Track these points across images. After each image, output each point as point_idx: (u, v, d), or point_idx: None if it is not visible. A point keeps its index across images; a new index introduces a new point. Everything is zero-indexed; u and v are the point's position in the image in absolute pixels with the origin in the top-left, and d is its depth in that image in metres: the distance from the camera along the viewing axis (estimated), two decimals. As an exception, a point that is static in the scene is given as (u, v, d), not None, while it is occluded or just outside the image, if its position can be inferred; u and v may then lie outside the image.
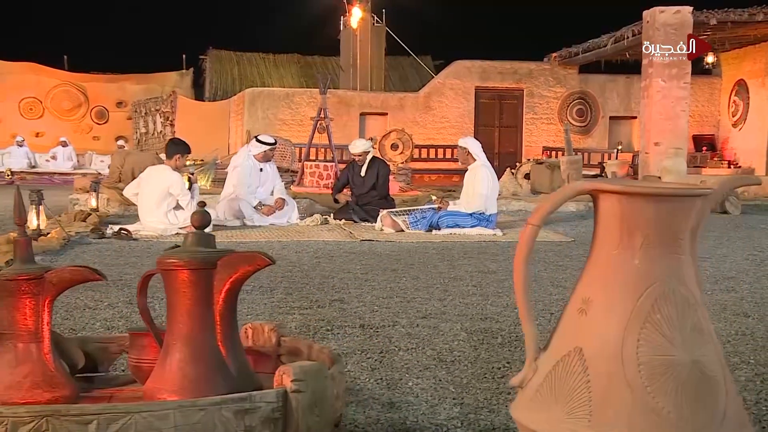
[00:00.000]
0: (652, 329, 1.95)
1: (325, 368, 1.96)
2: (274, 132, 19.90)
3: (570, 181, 14.51)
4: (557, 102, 22.24)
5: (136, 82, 30.68)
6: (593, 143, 22.12)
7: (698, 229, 2.12)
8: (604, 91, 22.51)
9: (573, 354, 2.01)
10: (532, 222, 2.09)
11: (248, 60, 30.46)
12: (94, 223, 9.50)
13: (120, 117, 29.89)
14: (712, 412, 1.94)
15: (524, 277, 2.13)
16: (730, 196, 13.04)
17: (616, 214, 2.03)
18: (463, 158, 10.25)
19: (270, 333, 2.46)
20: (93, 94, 30.41)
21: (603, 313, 2.01)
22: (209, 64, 30.17)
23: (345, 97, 21.66)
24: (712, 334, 2.03)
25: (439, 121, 21.64)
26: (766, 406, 3.22)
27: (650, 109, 16.99)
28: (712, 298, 5.62)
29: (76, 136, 29.17)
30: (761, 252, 8.37)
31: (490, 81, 21.98)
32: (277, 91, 22.32)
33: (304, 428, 1.88)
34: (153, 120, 25.80)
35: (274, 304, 5.17)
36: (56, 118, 30.07)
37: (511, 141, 22.30)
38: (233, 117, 23.26)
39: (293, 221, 10.82)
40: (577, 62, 21.70)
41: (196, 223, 2.15)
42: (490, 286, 6.03)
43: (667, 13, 16.95)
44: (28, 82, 29.90)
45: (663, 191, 2.00)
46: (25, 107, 30.02)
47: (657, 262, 2.00)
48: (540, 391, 2.05)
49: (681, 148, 15.74)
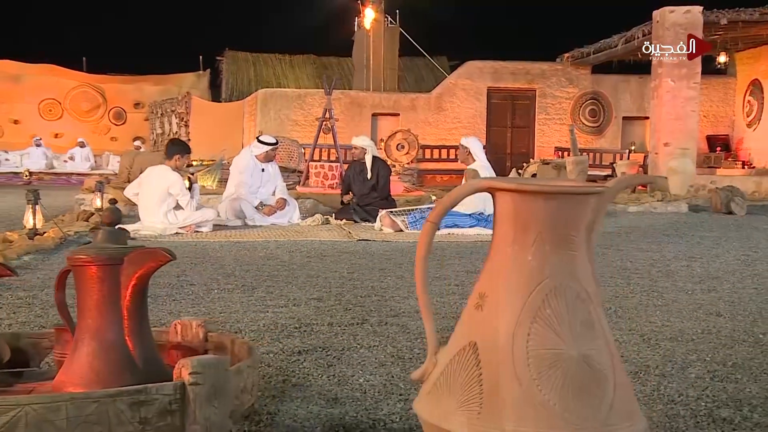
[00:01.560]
0: (542, 324, 2.00)
1: (225, 362, 2.02)
2: (286, 132, 20.04)
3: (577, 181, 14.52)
4: (570, 102, 22.21)
5: (153, 84, 30.93)
6: (606, 143, 22.09)
7: (595, 226, 2.16)
8: (616, 92, 22.46)
9: (468, 348, 2.07)
10: (430, 220, 2.14)
11: (264, 61, 30.62)
12: (96, 223, 9.61)
13: (137, 118, 30.14)
14: (598, 405, 1.99)
15: (424, 273, 2.18)
16: (736, 196, 13.00)
17: (511, 212, 2.08)
18: (463, 157, 10.32)
19: (197, 329, 2.53)
20: (111, 95, 30.69)
21: (496, 308, 2.06)
22: (226, 65, 30.35)
23: (357, 97, 21.73)
24: (603, 329, 2.07)
25: (451, 122, 21.67)
26: (705, 403, 3.25)
27: (660, 110, 16.99)
28: (691, 298, 5.64)
29: (94, 137, 29.45)
30: (755, 252, 8.36)
31: (502, 81, 21.98)
32: (289, 92, 22.44)
33: (202, 420, 1.94)
34: (169, 121, 25.99)
35: (250, 302, 5.24)
36: (75, 119, 30.37)
37: (523, 142, 22.30)
38: (247, 117, 23.39)
39: (294, 221, 10.91)
40: (589, 62, 21.66)
41: (107, 220, 2.21)
42: (469, 286, 6.06)
43: (676, 12, 16.95)
44: (48, 84, 30.22)
45: (554, 190, 2.05)
46: (45, 108, 30.34)
47: (549, 259, 2.05)
48: (437, 385, 2.10)
49: (688, 149, 15.71)
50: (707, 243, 9.14)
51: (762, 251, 8.47)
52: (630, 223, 11.62)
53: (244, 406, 2.14)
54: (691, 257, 7.88)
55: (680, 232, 10.37)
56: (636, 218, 12.46)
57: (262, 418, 2.98)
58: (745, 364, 3.87)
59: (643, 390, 3.41)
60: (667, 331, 4.55)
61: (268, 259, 7.42)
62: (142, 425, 1.87)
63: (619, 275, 6.65)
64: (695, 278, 6.54)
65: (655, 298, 5.64)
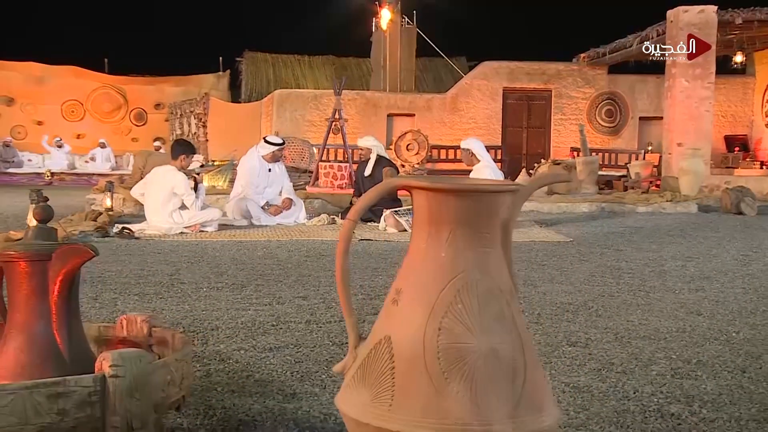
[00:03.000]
0: (453, 318, 2.06)
1: (147, 355, 2.09)
2: (301, 133, 20.15)
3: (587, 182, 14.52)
4: (586, 103, 22.15)
5: (173, 85, 31.13)
6: (622, 144, 22.01)
7: (510, 223, 2.21)
8: (633, 92, 22.37)
9: (383, 342, 2.13)
10: (349, 218, 2.20)
11: (283, 62, 30.73)
12: (103, 223, 9.73)
13: (158, 119, 30.34)
14: (506, 398, 2.04)
15: (344, 269, 2.24)
16: (746, 197, 12.94)
17: (425, 209, 2.13)
18: (467, 160, 10.36)
19: (142, 324, 2.60)
20: (132, 96, 30.93)
21: (410, 303, 2.11)
22: (245, 66, 30.49)
23: (372, 98, 21.79)
24: (516, 323, 2.12)
25: (467, 123, 21.67)
26: (658, 399, 3.29)
27: (673, 110, 16.94)
28: (676, 297, 5.67)
29: (116, 137, 29.70)
30: (755, 252, 8.35)
31: (517, 82, 21.96)
32: (305, 92, 22.55)
33: (123, 411, 2.01)
34: (188, 121, 26.16)
35: (236, 300, 5.31)
36: (97, 120, 30.62)
37: (539, 142, 22.27)
38: (264, 118, 23.51)
39: (300, 221, 10.98)
40: (606, 62, 21.60)
41: (38, 217, 2.29)
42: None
43: (690, 12, 16.89)
44: (70, 85, 30.48)
45: (466, 188, 2.11)
46: (67, 110, 30.61)
47: (462, 255, 2.10)
48: (354, 378, 2.17)
49: (699, 149, 15.65)
50: (709, 243, 9.12)
51: (762, 251, 8.44)
52: (636, 223, 11.60)
53: (171, 399, 2.20)
54: (689, 257, 7.88)
55: (685, 232, 10.36)
56: (644, 219, 12.43)
57: (216, 412, 3.06)
58: (709, 361, 3.90)
59: (600, 386, 3.46)
60: (642, 330, 4.58)
61: (265, 259, 7.50)
62: (60, 416, 1.94)
63: (610, 275, 6.67)
64: (686, 278, 6.55)
65: (641, 297, 5.66)
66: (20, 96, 29.90)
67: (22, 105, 29.98)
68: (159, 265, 6.87)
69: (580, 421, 3.02)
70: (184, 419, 2.96)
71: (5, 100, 29.85)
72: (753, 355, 4.04)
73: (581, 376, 3.62)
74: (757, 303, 5.48)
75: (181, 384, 2.25)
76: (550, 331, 4.51)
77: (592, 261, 7.52)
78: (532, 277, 6.54)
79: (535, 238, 9.50)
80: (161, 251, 7.85)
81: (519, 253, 8.07)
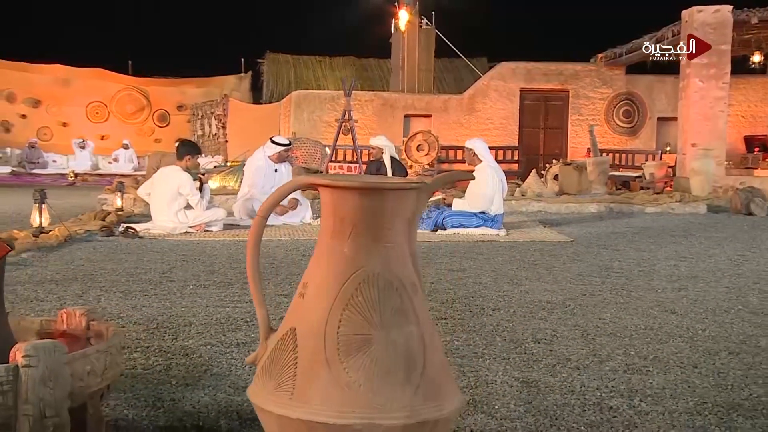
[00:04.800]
0: (353, 310, 2.14)
1: (61, 346, 2.18)
2: (318, 134, 20.28)
3: (597, 182, 14.52)
4: (603, 103, 22.10)
5: (196, 86, 31.41)
6: (640, 144, 21.92)
7: (415, 219, 2.29)
8: (651, 92, 22.28)
9: (289, 333, 2.21)
10: (259, 214, 2.30)
11: (304, 63, 30.88)
12: (111, 222, 9.87)
13: (180, 120, 30.61)
14: (403, 387, 2.12)
15: (254, 262, 2.34)
16: (756, 197, 12.89)
17: (330, 206, 2.22)
18: (469, 159, 10.41)
19: (81, 318, 2.70)
20: (155, 97, 31.24)
21: (314, 296, 2.20)
22: (266, 67, 30.66)
23: (389, 99, 21.86)
24: (417, 315, 2.20)
25: (484, 123, 21.70)
26: (601, 393, 3.36)
27: (688, 110, 16.88)
28: (657, 296, 5.71)
29: (139, 138, 29.98)
30: (752, 253, 8.34)
31: (534, 82, 21.95)
32: (322, 93, 22.66)
33: (35, 400, 2.11)
34: (208, 123, 26.40)
35: (219, 297, 5.41)
36: (120, 122, 30.95)
37: (556, 143, 22.24)
38: (282, 119, 23.66)
39: (306, 221, 11.08)
40: (623, 63, 21.53)
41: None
42: (443, 283, 6.18)
43: (705, 12, 16.82)
44: (95, 87, 30.84)
45: (368, 185, 2.19)
46: (92, 111, 30.96)
47: (364, 250, 2.19)
48: (263, 368, 2.25)
49: (710, 149, 15.57)
50: (708, 243, 9.12)
51: (760, 252, 8.43)
52: (643, 224, 11.60)
53: (92, 388, 2.30)
54: (683, 257, 7.89)
55: (688, 233, 10.34)
56: (651, 219, 12.42)
57: (164, 404, 3.17)
58: (666, 357, 3.96)
59: (549, 381, 3.53)
60: (610, 327, 4.63)
61: (261, 258, 7.55)
62: (-29, 405, 2.04)
63: (598, 274, 6.71)
64: (673, 278, 6.58)
65: (621, 296, 5.70)
66: (46, 98, 30.29)
67: (47, 107, 30.37)
68: (154, 264, 6.98)
69: (517, 414, 3.10)
70: (131, 410, 3.07)
71: (32, 101, 30.24)
72: (711, 352, 4.09)
73: (534, 372, 3.68)
74: (734, 302, 5.51)
75: (104, 374, 2.34)
76: (519, 328, 4.57)
77: (585, 261, 7.55)
78: (519, 276, 6.59)
79: (536, 238, 9.54)
80: (160, 250, 7.97)
81: (515, 252, 8.13)
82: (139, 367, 3.64)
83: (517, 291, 5.85)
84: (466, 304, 5.30)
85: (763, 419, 3.08)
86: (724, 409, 3.17)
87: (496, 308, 5.18)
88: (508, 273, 6.74)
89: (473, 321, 4.78)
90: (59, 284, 5.79)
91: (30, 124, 29.89)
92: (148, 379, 3.47)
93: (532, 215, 12.49)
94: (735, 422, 3.04)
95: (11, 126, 29.88)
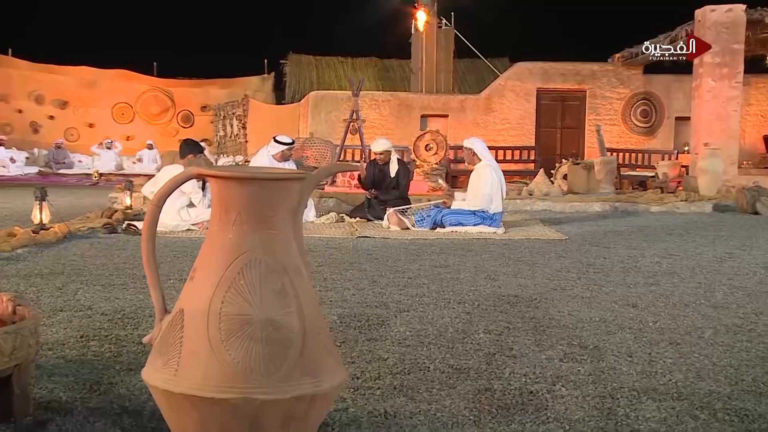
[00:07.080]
0: (235, 292, 2.29)
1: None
2: (335, 133, 20.40)
3: (605, 181, 14.56)
4: (621, 103, 22.08)
5: (219, 87, 31.71)
6: (658, 144, 21.86)
7: (299, 207, 2.43)
8: (669, 92, 22.21)
9: (178, 314, 2.37)
10: (152, 204, 2.45)
11: (326, 64, 31.11)
12: (116, 220, 10.08)
13: (204, 121, 30.93)
14: (280, 364, 2.27)
15: (149, 249, 2.49)
16: (762, 196, 12.87)
17: (217, 196, 2.38)
18: (469, 158, 10.52)
19: (7, 303, 2.87)
20: (179, 98, 31.58)
21: (202, 279, 2.35)
22: (289, 68, 30.92)
23: (406, 99, 21.99)
24: (299, 298, 2.34)
25: (500, 123, 21.76)
26: (526, 379, 3.49)
27: (700, 110, 16.84)
28: (625, 291, 5.80)
29: (163, 139, 30.30)
30: (741, 251, 8.36)
31: (551, 82, 21.98)
32: (339, 93, 22.82)
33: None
34: (230, 123, 26.66)
35: (194, 290, 5.56)
36: (145, 122, 31.31)
37: (573, 143, 22.25)
38: (301, 119, 23.88)
39: (309, 219, 11.21)
40: (640, 63, 21.49)
41: None
42: (423, 278, 6.30)
43: (718, 11, 16.79)
44: (121, 88, 31.23)
45: (250, 176, 2.34)
46: (117, 112, 31.35)
47: (247, 237, 2.33)
48: (156, 347, 2.41)
49: (718, 148, 15.54)
50: (702, 241, 9.15)
51: (749, 250, 8.46)
52: (645, 222, 11.63)
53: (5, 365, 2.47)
54: (670, 255, 7.95)
55: (687, 231, 10.37)
56: (654, 218, 12.44)
57: (100, 387, 3.33)
58: (605, 347, 4.07)
59: (480, 368, 3.66)
60: (565, 320, 4.74)
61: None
62: None
63: (576, 270, 6.80)
64: (650, 274, 6.65)
65: (591, 291, 5.79)
66: (73, 99, 30.72)
67: (74, 108, 30.79)
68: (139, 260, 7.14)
69: (439, 397, 3.22)
70: (66, 393, 3.23)
71: (59, 103, 30.67)
72: (652, 342, 4.19)
73: (471, 360, 3.81)
74: (699, 297, 5.59)
75: (12, 354, 2.50)
76: (474, 320, 4.69)
77: (570, 257, 7.64)
78: (498, 271, 6.70)
79: (531, 235, 9.63)
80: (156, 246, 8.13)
81: (504, 250, 8.23)
82: (90, 354, 3.81)
83: (489, 286, 5.96)
84: (433, 298, 5.42)
85: (670, 401, 3.19)
86: (637, 393, 3.29)
87: (461, 302, 5.30)
88: (489, 269, 6.85)
89: (434, 313, 4.91)
90: (44, 278, 5.98)
91: (57, 125, 30.33)
92: (94, 365, 3.63)
93: (536, 214, 12.56)
94: (643, 404, 3.16)
95: (39, 127, 30.32)
